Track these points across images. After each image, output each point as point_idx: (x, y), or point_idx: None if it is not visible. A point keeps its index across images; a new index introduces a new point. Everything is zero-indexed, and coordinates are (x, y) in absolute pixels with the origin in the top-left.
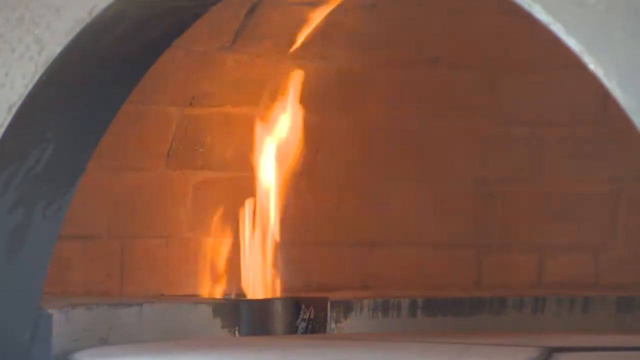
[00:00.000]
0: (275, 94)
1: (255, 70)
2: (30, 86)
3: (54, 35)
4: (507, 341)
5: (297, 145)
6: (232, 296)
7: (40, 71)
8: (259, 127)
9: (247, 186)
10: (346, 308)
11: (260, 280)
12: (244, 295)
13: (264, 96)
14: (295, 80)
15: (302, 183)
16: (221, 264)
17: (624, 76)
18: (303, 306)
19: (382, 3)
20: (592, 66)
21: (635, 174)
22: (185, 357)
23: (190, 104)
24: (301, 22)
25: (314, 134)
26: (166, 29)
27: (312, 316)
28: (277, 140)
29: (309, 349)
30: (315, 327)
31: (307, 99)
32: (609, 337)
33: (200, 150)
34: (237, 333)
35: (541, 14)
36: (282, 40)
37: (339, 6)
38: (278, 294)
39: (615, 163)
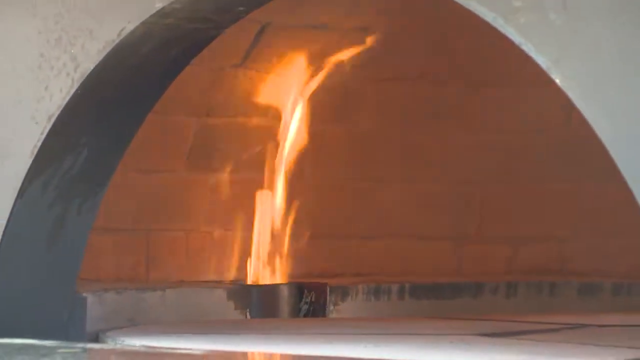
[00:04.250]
0: (281, 105)
1: (264, 85)
2: (67, 98)
3: (88, 54)
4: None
5: (300, 150)
6: (244, 282)
7: (76, 85)
8: (267, 135)
9: (257, 186)
10: (343, 292)
11: (268, 268)
12: (254, 280)
13: (271, 107)
14: (298, 93)
15: (304, 183)
16: (234, 253)
17: (585, 89)
18: (305, 291)
19: (373, 27)
20: (558, 80)
21: (595, 174)
22: (202, 335)
23: (207, 114)
24: (303, 44)
25: (315, 141)
26: (186, 48)
27: (313, 299)
28: (283, 146)
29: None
30: (316, 309)
31: (309, 110)
32: (573, 317)
33: (216, 154)
34: (248, 314)
35: (514, 36)
36: (286, 59)
37: (336, 29)
38: (284, 280)
39: (579, 165)
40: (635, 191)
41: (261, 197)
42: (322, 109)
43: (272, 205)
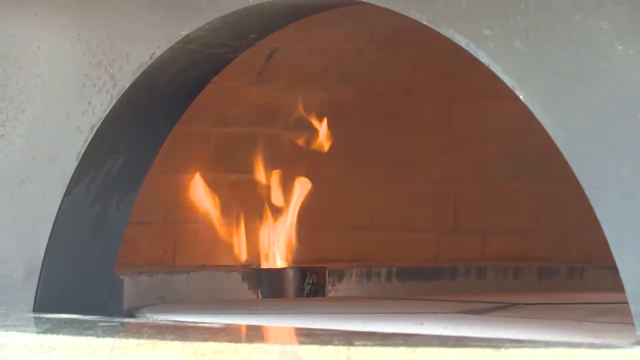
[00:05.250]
0: (288, 117)
1: (273, 100)
2: (107, 111)
3: (124, 74)
4: (459, 299)
5: (304, 155)
6: (256, 266)
7: (114, 101)
8: (275, 141)
9: (266, 185)
10: (340, 275)
11: (276, 254)
12: (264, 265)
13: (279, 119)
14: (302, 107)
15: (307, 182)
16: (248, 242)
17: (544, 103)
18: (308, 274)
19: (366, 49)
20: (521, 96)
21: (553, 175)
22: (221, 311)
23: (225, 124)
24: (306, 65)
25: (315, 146)
26: (207, 69)
27: (314, 281)
28: (288, 151)
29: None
30: (317, 290)
31: (310, 120)
32: (535, 296)
33: (232, 158)
34: (259, 294)
35: (484, 59)
36: (292, 78)
37: (335, 51)
38: (289, 265)
39: (539, 167)
40: (586, 189)
41: (270, 194)
42: (322, 119)
43: (279, 201)
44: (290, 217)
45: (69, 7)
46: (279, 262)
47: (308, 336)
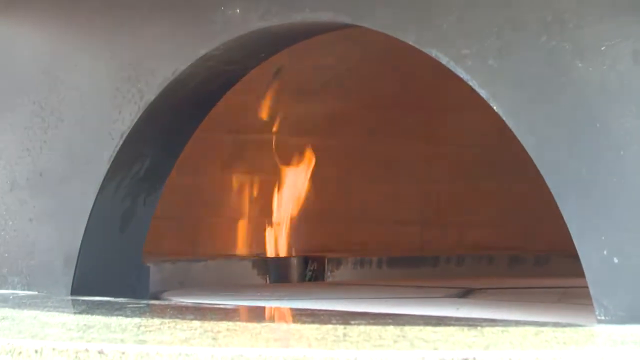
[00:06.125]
0: (292, 125)
1: (279, 111)
2: (135, 120)
3: (150, 87)
4: (441, 284)
5: (304, 158)
6: (264, 255)
7: (141, 111)
8: (282, 146)
9: (274, 184)
10: (337, 263)
11: (282, 244)
12: (271, 254)
13: (285, 127)
14: (305, 117)
15: (308, 182)
16: (257, 234)
17: (515, 114)
18: (309, 262)
19: (359, 67)
20: (495, 107)
21: (521, 176)
22: (234, 294)
23: (238, 131)
24: (308, 81)
25: (316, 151)
26: (222, 84)
27: (315, 268)
28: (292, 154)
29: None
30: (317, 276)
31: (312, 129)
32: (506, 281)
33: (244, 161)
34: (267, 279)
35: (463, 74)
36: (296, 91)
37: (332, 69)
38: (293, 254)
39: (510, 170)
40: (552, 188)
41: (277, 193)
42: (321, 127)
43: (285, 199)
44: (294, 212)
45: (103, 30)
46: (284, 252)
47: (310, 316)
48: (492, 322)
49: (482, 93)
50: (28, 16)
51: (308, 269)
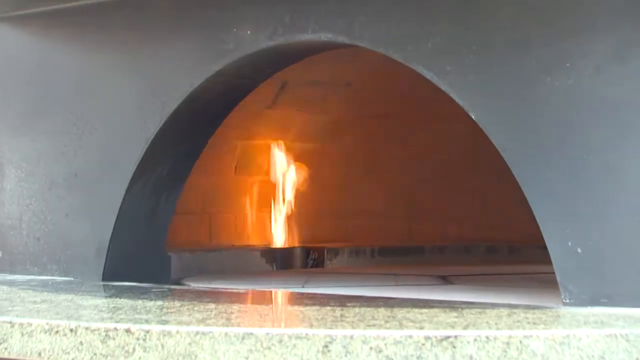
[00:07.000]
0: (296, 132)
1: (285, 120)
2: (158, 128)
3: (171, 99)
4: (425, 271)
5: (307, 161)
6: (271, 246)
7: (163, 120)
8: (286, 152)
9: (279, 184)
10: (335, 253)
11: (287, 236)
12: (278, 245)
13: (289, 134)
14: (307, 125)
15: (309, 182)
16: (265, 228)
17: (491, 122)
18: (311, 252)
19: (354, 81)
20: (473, 117)
21: (497, 177)
22: (245, 280)
23: (248, 138)
24: (310, 93)
25: (316, 156)
26: (233, 96)
27: (316, 257)
28: (295, 158)
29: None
30: (318, 264)
31: (313, 136)
32: (483, 268)
33: (253, 164)
34: (274, 267)
35: (446, 87)
36: (299, 103)
37: (331, 83)
38: (296, 245)
39: (485, 171)
40: (523, 186)
41: (282, 191)
42: (321, 135)
43: (289, 196)
44: (297, 208)
45: (129, 48)
46: (288, 243)
47: (311, 299)
48: (471, 305)
49: (462, 104)
50: (62, 35)
51: (309, 258)
